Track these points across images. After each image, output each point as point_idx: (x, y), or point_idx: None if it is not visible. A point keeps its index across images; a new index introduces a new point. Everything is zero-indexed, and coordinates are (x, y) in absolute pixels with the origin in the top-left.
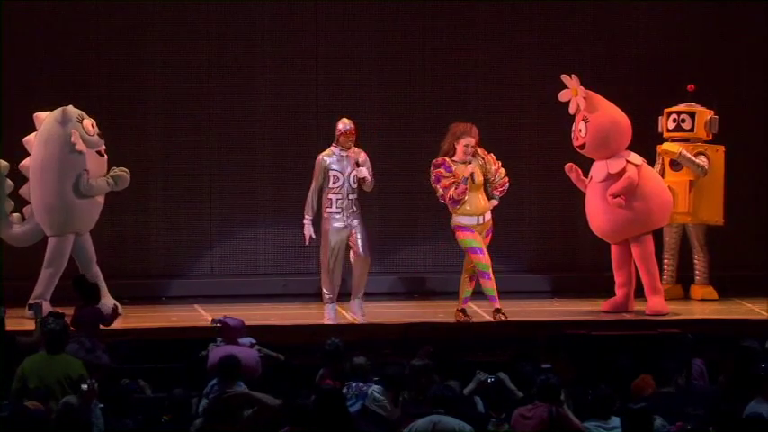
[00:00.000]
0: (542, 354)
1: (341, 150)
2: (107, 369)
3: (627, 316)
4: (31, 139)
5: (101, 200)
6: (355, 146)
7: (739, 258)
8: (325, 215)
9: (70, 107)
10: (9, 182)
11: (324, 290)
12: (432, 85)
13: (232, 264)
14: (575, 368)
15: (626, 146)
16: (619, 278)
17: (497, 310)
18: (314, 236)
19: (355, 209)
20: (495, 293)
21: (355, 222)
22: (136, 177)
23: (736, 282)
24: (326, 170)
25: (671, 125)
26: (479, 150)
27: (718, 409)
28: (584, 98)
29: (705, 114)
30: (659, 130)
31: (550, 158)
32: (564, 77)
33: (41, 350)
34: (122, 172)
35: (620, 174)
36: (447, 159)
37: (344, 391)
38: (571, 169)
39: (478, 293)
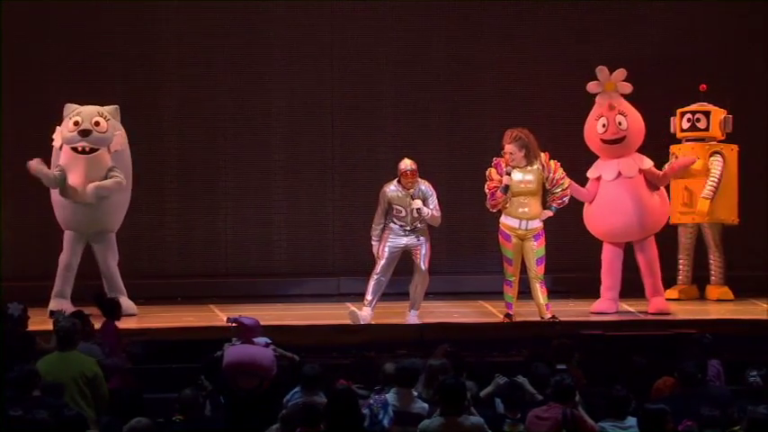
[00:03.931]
0: (557, 354)
1: (402, 188)
2: (122, 370)
3: (641, 316)
4: None
5: (90, 200)
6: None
7: (755, 258)
8: (387, 229)
9: (74, 105)
10: None
11: (367, 294)
12: (448, 83)
13: (247, 264)
14: (590, 369)
15: None
16: (608, 281)
17: (507, 315)
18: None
19: (420, 228)
20: (513, 301)
21: (421, 239)
22: (151, 178)
23: (751, 282)
24: (389, 202)
25: (685, 125)
26: (543, 156)
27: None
28: (623, 94)
29: (719, 113)
30: (672, 130)
31: (566, 159)
32: (601, 69)
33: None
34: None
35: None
36: (502, 161)
37: (366, 411)
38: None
39: (525, 293)
